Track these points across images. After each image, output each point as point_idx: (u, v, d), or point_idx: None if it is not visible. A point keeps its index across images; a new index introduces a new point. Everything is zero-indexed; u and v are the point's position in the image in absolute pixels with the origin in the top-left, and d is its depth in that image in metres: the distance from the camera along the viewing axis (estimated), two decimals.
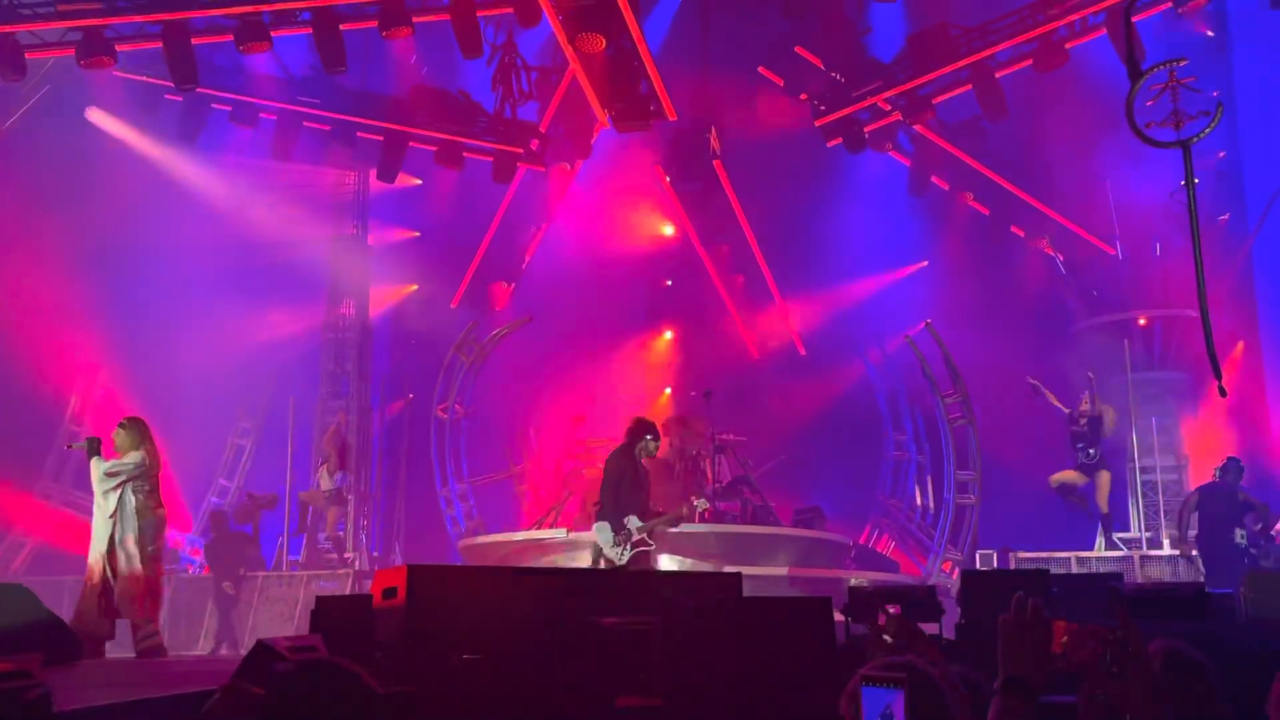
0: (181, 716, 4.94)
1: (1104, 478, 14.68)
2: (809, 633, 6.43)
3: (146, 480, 9.34)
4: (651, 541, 10.26)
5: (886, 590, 9.33)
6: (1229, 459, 13.96)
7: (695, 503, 11.00)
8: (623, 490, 10.30)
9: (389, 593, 6.54)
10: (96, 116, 18.17)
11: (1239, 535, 13.40)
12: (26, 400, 17.12)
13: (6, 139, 17.39)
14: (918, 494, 17.98)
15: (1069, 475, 14.74)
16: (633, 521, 10.17)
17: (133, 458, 9.31)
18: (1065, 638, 2.66)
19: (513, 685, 6.34)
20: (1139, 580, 13.19)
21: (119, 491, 9.23)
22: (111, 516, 9.16)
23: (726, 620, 6.49)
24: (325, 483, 16.74)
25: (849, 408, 19.33)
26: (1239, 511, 13.48)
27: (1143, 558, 14.34)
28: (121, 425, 9.61)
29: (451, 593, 6.65)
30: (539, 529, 15.00)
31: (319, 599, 6.66)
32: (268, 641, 5.63)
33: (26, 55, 14.70)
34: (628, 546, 10.12)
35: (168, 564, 16.22)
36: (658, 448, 10.69)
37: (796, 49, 17.33)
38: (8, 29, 14.36)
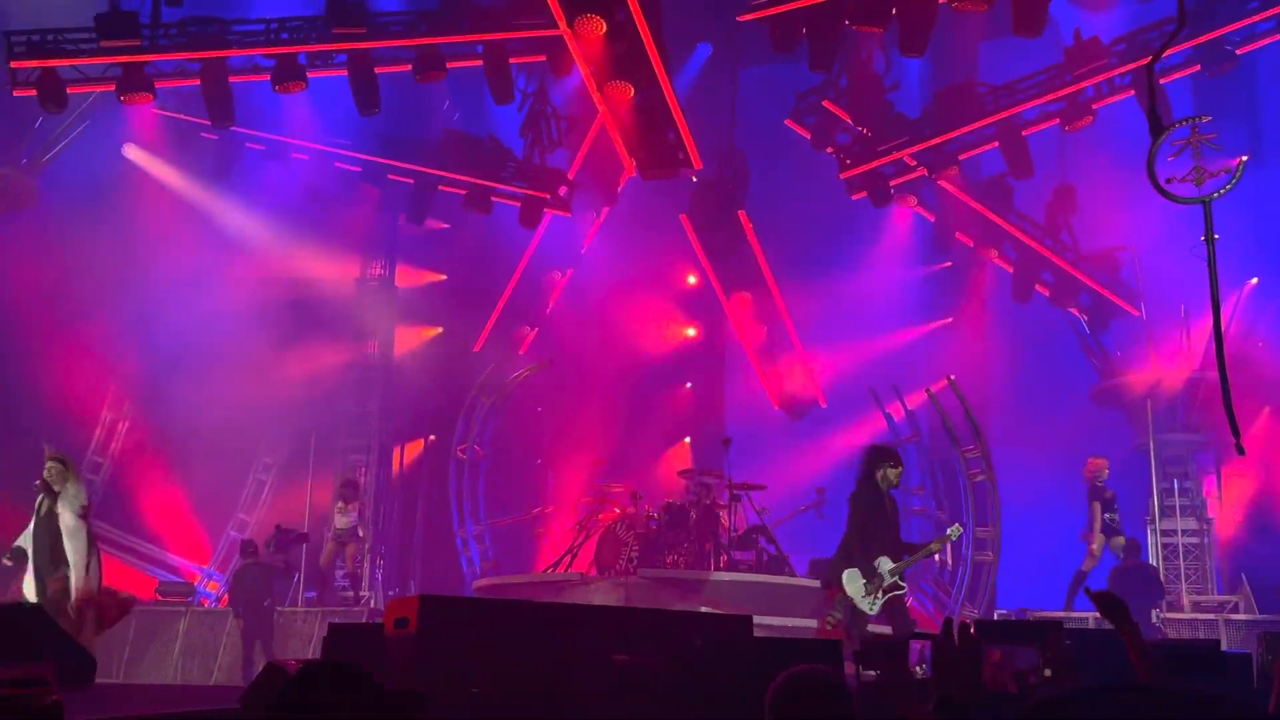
0: None
1: (1118, 542, 14.76)
2: None
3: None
4: (904, 584, 9.34)
5: (899, 640, 9.26)
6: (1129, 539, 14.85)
7: (950, 531, 10.23)
8: (870, 529, 9.39)
9: (400, 622, 6.57)
10: (133, 153, 18.48)
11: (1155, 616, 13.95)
12: (51, 431, 17.25)
13: (47, 172, 17.74)
14: None
15: (1099, 545, 14.78)
16: (884, 564, 9.26)
17: (79, 489, 9.87)
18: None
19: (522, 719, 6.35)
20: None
21: (84, 523, 9.70)
22: (90, 543, 9.62)
23: (736, 660, 6.49)
24: (340, 521, 16.78)
25: None
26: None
27: (1164, 619, 14.24)
28: (54, 460, 10.05)
29: (464, 625, 6.68)
30: (554, 571, 14.99)
31: (331, 626, 6.72)
32: (278, 662, 5.69)
33: (68, 89, 15.00)
34: (879, 594, 9.25)
35: (187, 596, 16.40)
36: (899, 475, 9.72)
37: (824, 103, 17.49)
38: (50, 63, 14.68)
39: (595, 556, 14.81)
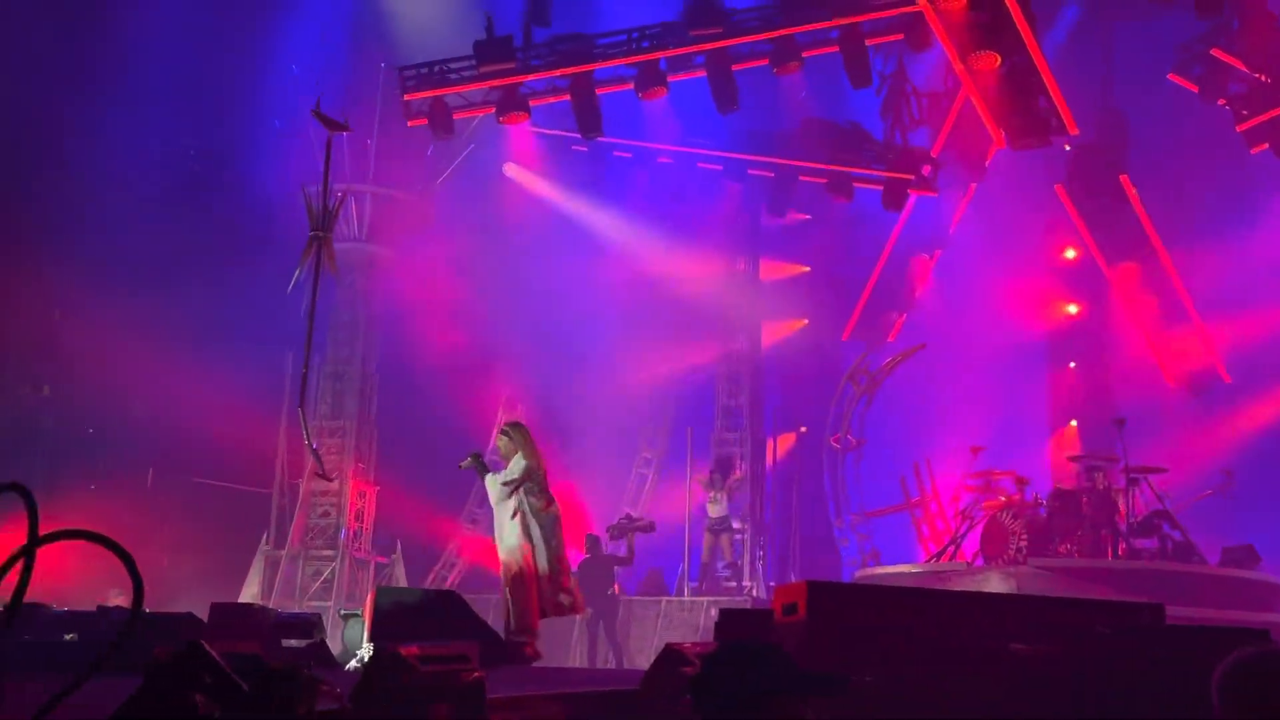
0: (596, 710, 5.19)
1: None
2: None
3: (536, 482, 9.73)
4: None
5: None
6: None
7: None
8: None
9: (789, 609, 6.57)
10: (513, 170, 19.71)
11: None
12: (454, 431, 18.69)
13: (439, 195, 19.24)
14: None
15: None
16: None
17: (519, 464, 9.75)
18: None
19: (917, 709, 6.20)
20: None
21: (514, 498, 9.70)
22: (514, 518, 9.62)
23: (1148, 650, 6.03)
24: (713, 510, 17.08)
25: None
26: None
27: None
28: (503, 431, 10.08)
29: (853, 612, 6.58)
30: (939, 561, 14.61)
31: (722, 611, 6.82)
32: (675, 646, 5.83)
33: (454, 116, 16.18)
34: None
35: None
36: None
37: (1212, 51, 16.05)
38: (438, 92, 15.89)
39: (981, 546, 14.30)
